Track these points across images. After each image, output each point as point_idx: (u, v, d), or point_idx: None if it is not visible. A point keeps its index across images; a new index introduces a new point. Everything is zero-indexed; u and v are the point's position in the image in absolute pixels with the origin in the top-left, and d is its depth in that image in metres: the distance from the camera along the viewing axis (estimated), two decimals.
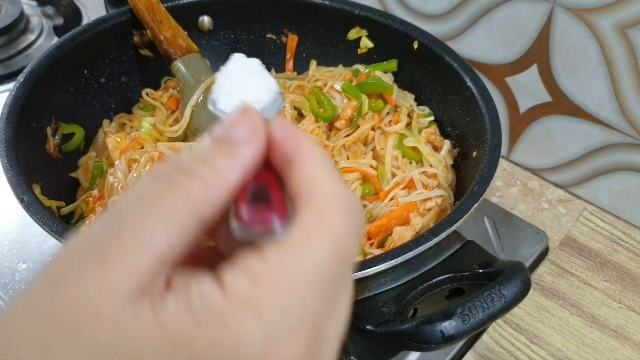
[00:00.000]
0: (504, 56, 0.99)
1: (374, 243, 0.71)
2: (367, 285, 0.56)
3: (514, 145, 1.07)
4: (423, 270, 0.58)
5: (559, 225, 0.99)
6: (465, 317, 0.51)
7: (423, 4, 1.03)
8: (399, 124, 0.82)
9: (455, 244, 0.60)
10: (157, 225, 0.29)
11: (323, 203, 0.30)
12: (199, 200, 0.30)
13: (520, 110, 1.03)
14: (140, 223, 0.29)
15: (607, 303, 0.87)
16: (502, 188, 1.05)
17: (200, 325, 0.27)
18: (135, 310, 0.27)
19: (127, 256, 0.28)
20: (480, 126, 0.74)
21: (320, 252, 0.29)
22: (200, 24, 0.93)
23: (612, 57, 0.87)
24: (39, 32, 1.32)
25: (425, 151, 0.80)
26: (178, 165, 0.31)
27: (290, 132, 0.33)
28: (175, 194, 0.29)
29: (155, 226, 0.29)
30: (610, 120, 0.92)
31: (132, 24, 0.88)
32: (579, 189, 1.02)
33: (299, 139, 0.33)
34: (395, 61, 0.88)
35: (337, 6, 0.91)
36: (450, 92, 0.83)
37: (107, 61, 0.86)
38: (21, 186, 0.62)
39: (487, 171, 0.66)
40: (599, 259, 0.93)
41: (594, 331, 0.84)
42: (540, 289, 0.89)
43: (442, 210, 0.75)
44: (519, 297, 0.54)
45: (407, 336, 0.50)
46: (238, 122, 0.32)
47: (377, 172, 0.79)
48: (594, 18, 0.86)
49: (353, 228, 0.31)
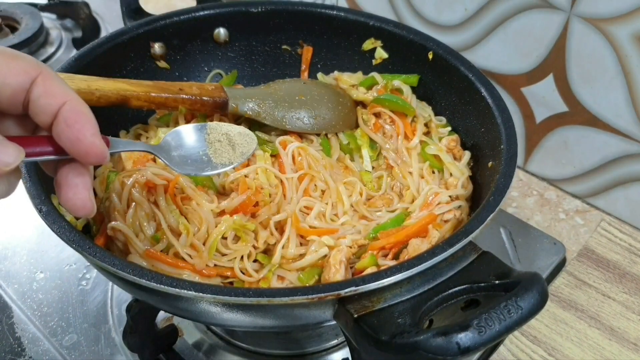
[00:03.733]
0: (519, 66, 0.99)
1: (389, 255, 0.71)
2: (382, 296, 0.55)
3: (530, 156, 1.07)
4: (439, 281, 0.57)
5: (576, 236, 0.98)
6: (481, 329, 0.51)
7: (438, 15, 1.03)
8: (416, 134, 0.83)
9: (471, 254, 0.60)
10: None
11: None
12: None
13: (537, 121, 1.02)
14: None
15: (626, 315, 0.86)
16: (518, 199, 1.04)
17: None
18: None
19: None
20: (495, 136, 0.74)
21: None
22: (216, 36, 0.94)
23: (629, 67, 0.86)
24: (58, 44, 1.35)
25: (447, 160, 0.81)
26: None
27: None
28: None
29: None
30: (628, 130, 0.91)
31: (149, 37, 0.89)
32: (596, 199, 1.01)
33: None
34: (417, 76, 0.88)
35: (352, 17, 0.91)
36: (466, 103, 0.83)
37: (125, 73, 0.87)
38: (40, 197, 0.63)
39: (503, 182, 0.66)
40: (618, 271, 0.92)
41: (613, 344, 0.83)
42: (557, 300, 0.88)
43: (459, 222, 0.75)
44: (536, 309, 0.53)
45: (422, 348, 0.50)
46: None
47: (362, 179, 0.82)
48: (610, 28, 0.85)
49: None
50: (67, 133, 0.47)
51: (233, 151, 0.63)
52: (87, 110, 0.48)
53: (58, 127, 0.47)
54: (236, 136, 0.64)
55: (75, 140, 0.47)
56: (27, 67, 0.47)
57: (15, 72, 0.46)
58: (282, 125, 0.83)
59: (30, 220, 0.99)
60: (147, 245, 0.68)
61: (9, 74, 0.46)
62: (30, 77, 0.47)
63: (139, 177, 0.71)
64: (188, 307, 0.60)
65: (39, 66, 0.47)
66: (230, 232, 0.70)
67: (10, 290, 0.90)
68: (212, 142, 0.63)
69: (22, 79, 0.46)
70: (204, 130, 0.63)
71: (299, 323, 0.66)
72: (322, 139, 0.85)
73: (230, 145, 0.63)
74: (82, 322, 0.86)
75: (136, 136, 0.87)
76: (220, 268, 0.69)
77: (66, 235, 0.59)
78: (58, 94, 0.47)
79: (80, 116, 0.47)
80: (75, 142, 0.47)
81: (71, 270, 0.93)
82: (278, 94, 0.86)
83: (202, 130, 0.63)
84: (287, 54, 0.97)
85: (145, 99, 0.76)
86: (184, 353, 0.83)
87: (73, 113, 0.47)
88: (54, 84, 0.47)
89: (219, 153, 0.62)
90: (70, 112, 0.47)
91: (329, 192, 0.78)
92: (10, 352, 0.82)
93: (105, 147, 0.49)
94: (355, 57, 0.94)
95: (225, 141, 0.63)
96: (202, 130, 0.63)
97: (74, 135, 0.47)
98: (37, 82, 0.47)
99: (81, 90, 0.71)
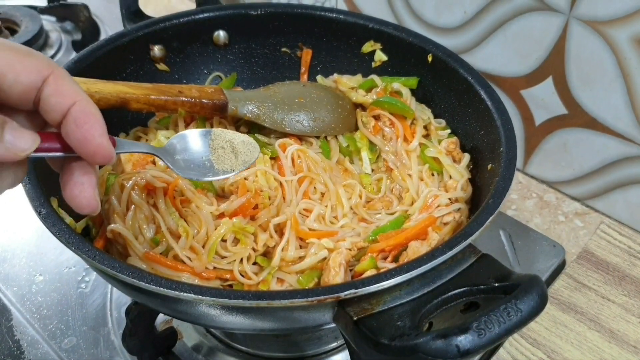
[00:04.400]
0: (519, 69, 0.99)
1: (388, 257, 0.71)
2: (382, 299, 0.55)
3: (530, 158, 1.07)
4: (438, 283, 0.57)
5: (575, 238, 0.98)
6: (481, 332, 0.51)
7: (437, 17, 1.04)
8: (416, 137, 0.83)
9: (471, 257, 0.60)
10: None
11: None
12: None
13: (536, 123, 1.02)
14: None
15: (625, 318, 0.86)
16: (517, 201, 1.04)
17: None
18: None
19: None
20: (495, 139, 0.74)
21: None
22: (215, 39, 0.94)
23: (628, 70, 0.86)
24: (57, 47, 1.35)
25: (446, 162, 0.81)
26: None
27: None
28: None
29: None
30: (627, 132, 0.91)
31: (149, 39, 0.89)
32: (596, 202, 1.01)
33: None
34: (416, 79, 0.88)
35: (351, 20, 0.91)
36: (465, 105, 0.83)
37: (124, 75, 0.88)
38: (39, 199, 0.63)
39: (502, 184, 0.66)
40: (617, 273, 0.92)
41: (612, 346, 0.83)
42: (557, 303, 0.88)
43: (458, 224, 0.75)
44: (536, 312, 0.53)
45: (422, 350, 0.50)
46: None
47: (362, 182, 0.82)
48: (610, 30, 0.85)
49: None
50: (75, 133, 0.48)
51: (235, 159, 0.64)
52: (96, 111, 0.49)
53: (67, 126, 0.48)
54: (239, 144, 0.65)
55: (84, 140, 0.48)
56: (39, 66, 0.47)
57: (28, 70, 0.47)
58: (282, 128, 0.83)
59: (29, 222, 0.99)
60: (147, 247, 0.68)
61: (22, 71, 0.47)
62: (43, 75, 0.48)
63: (138, 180, 0.71)
64: (187, 309, 0.60)
65: (51, 65, 0.48)
66: (230, 234, 0.70)
67: (10, 292, 0.90)
68: (215, 149, 0.63)
69: (35, 77, 0.47)
70: (208, 136, 0.64)
71: (299, 326, 0.66)
72: (321, 141, 0.85)
73: (233, 152, 0.64)
74: (81, 324, 0.86)
75: (136, 138, 0.87)
76: (219, 271, 0.69)
77: (65, 238, 0.59)
78: (68, 93, 0.48)
79: (90, 117, 0.48)
80: (83, 142, 0.48)
81: (70, 273, 0.93)
82: (277, 97, 0.86)
83: (207, 136, 0.64)
84: (287, 56, 0.97)
85: (144, 101, 0.76)
86: (184, 356, 0.83)
87: (82, 114, 0.48)
88: (65, 84, 0.48)
89: (222, 160, 0.63)
90: (79, 112, 0.48)
91: (329, 195, 0.78)
92: (9, 354, 0.82)
93: (112, 148, 0.50)
94: (355, 60, 0.94)
95: (228, 148, 0.64)
96: (207, 136, 0.64)
97: (83, 135, 0.48)
98: (48, 81, 0.48)
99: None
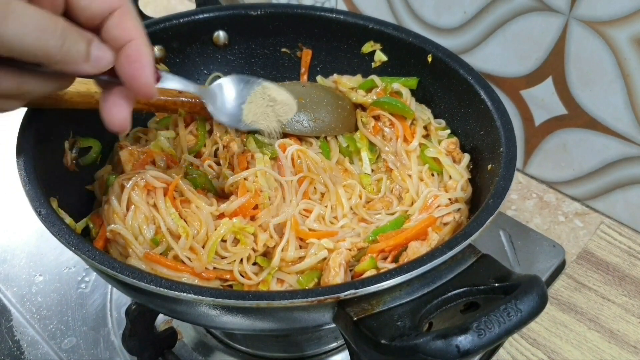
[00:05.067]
0: (518, 69, 0.99)
1: (388, 258, 0.71)
2: (382, 299, 0.55)
3: (530, 158, 1.07)
4: (438, 284, 0.57)
5: (575, 238, 0.98)
6: (481, 332, 0.51)
7: (437, 18, 1.04)
8: (416, 137, 0.83)
9: (471, 257, 0.60)
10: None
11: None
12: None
13: (536, 123, 1.02)
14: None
15: (625, 318, 0.86)
16: (517, 201, 1.04)
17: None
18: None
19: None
20: (495, 139, 0.74)
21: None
22: (215, 39, 0.94)
23: (628, 70, 0.86)
24: None
25: (446, 162, 0.81)
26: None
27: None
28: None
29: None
30: (627, 133, 0.91)
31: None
32: (596, 202, 1.02)
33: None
34: (416, 79, 0.88)
35: (351, 20, 0.91)
36: (465, 105, 0.83)
37: None
38: (39, 199, 0.63)
39: (502, 184, 0.66)
40: (617, 273, 0.92)
41: (612, 347, 0.83)
42: (557, 303, 0.88)
43: (458, 225, 0.75)
44: (536, 312, 0.53)
45: (422, 350, 0.50)
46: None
47: (362, 182, 0.82)
48: (609, 30, 0.85)
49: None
50: (125, 67, 0.53)
51: (272, 114, 0.65)
52: (149, 52, 0.54)
53: (120, 59, 0.53)
54: (279, 104, 0.66)
55: (130, 77, 0.53)
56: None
57: (101, 0, 0.52)
58: (282, 128, 0.83)
59: (29, 223, 0.99)
60: (147, 248, 0.68)
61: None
62: (112, 7, 0.53)
63: (138, 180, 0.71)
64: (187, 310, 0.60)
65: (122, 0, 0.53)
66: (230, 235, 0.70)
67: (9, 293, 0.90)
68: (254, 100, 0.64)
69: (104, 7, 0.52)
70: (255, 84, 0.64)
71: (299, 326, 0.66)
72: (321, 141, 0.85)
73: (270, 107, 0.65)
74: (81, 325, 0.86)
75: (135, 139, 0.87)
76: (219, 271, 0.69)
77: (65, 238, 0.59)
78: (129, 29, 0.53)
79: (141, 57, 0.53)
80: (129, 78, 0.53)
81: (70, 273, 0.93)
82: None
83: (253, 84, 0.64)
84: (287, 56, 0.97)
85: (144, 101, 0.77)
86: (183, 356, 0.83)
87: (135, 52, 0.53)
88: (128, 19, 0.53)
89: (254, 112, 0.64)
90: (133, 50, 0.53)
91: (329, 195, 0.78)
92: (9, 355, 0.82)
93: (154, 89, 0.55)
94: (355, 60, 0.94)
95: (267, 102, 0.65)
96: (253, 84, 0.64)
97: (131, 72, 0.53)
98: (115, 14, 0.53)
99: (81, 93, 0.71)
